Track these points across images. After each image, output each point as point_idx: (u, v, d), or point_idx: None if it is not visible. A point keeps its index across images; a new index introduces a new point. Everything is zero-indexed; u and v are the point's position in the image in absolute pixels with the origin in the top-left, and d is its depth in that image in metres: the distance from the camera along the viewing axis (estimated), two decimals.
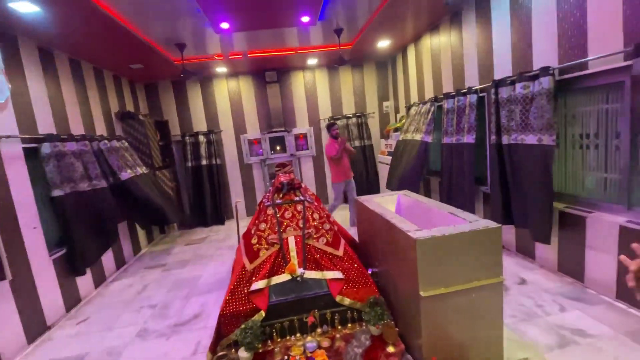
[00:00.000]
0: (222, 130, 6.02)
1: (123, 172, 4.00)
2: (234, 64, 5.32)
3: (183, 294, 3.36)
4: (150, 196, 4.27)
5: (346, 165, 4.63)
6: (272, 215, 2.35)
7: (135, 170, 4.29)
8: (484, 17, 3.45)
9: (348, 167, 4.67)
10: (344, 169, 4.62)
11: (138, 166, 4.44)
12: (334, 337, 2.03)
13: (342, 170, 4.60)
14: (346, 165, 4.63)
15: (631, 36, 2.10)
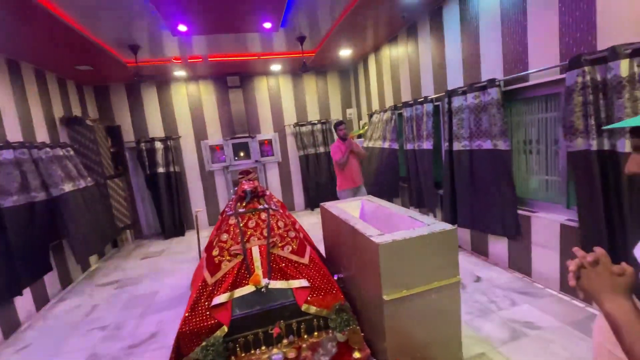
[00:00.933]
0: (180, 136, 5.76)
1: (61, 185, 3.62)
2: (194, 68, 5.14)
3: (138, 312, 3.13)
4: (85, 219, 3.88)
5: (354, 170, 4.00)
6: (234, 225, 2.27)
7: (78, 182, 3.93)
8: (437, 30, 3.66)
9: (357, 172, 4.03)
10: (352, 174, 3.98)
11: (81, 178, 4.06)
12: (300, 347, 1.99)
13: (349, 175, 3.98)
14: (354, 170, 4.00)
15: (566, 52, 2.33)
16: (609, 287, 0.68)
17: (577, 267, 0.72)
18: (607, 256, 0.71)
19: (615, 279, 0.68)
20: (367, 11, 3.53)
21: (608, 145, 2.03)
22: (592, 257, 0.71)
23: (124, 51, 4.05)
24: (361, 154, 4.09)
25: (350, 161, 3.95)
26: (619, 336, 0.65)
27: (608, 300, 0.67)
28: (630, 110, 1.87)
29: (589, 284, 0.70)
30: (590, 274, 0.70)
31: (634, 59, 1.87)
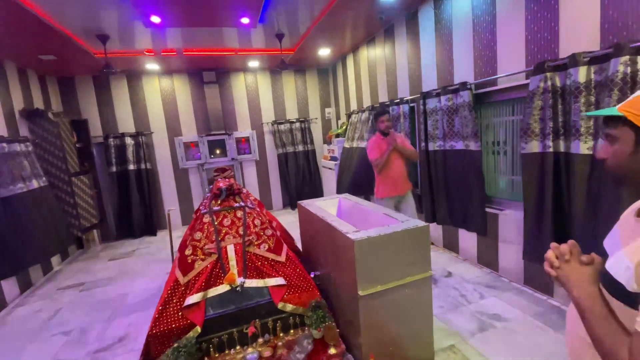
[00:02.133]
0: (153, 132, 5.55)
1: (12, 185, 3.35)
2: (168, 62, 4.96)
3: (105, 315, 2.99)
4: (39, 222, 3.58)
5: (397, 174, 3.08)
6: (208, 224, 2.22)
7: (29, 183, 3.64)
8: (413, 33, 3.75)
9: (400, 177, 3.10)
10: (394, 179, 3.08)
11: (35, 178, 3.75)
12: (276, 345, 1.98)
13: (389, 181, 3.08)
14: (397, 173, 3.08)
15: (531, 58, 2.46)
16: (577, 275, 0.73)
17: (553, 258, 0.77)
18: (577, 247, 0.77)
19: (584, 268, 0.73)
20: (346, 11, 3.56)
21: (564, 147, 2.17)
22: (564, 248, 0.76)
23: (92, 41, 3.84)
24: (409, 152, 3.07)
25: (393, 162, 3.04)
26: (584, 320, 0.69)
27: (576, 287, 0.72)
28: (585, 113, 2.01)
29: (561, 273, 0.75)
30: (562, 264, 0.75)
31: (591, 67, 2.01)
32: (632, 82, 1.83)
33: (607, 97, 1.91)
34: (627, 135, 0.70)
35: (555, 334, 2.17)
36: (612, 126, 0.74)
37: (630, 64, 1.82)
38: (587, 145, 2.04)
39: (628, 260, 0.66)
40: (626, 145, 0.71)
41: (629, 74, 1.82)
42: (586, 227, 2.07)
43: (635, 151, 0.69)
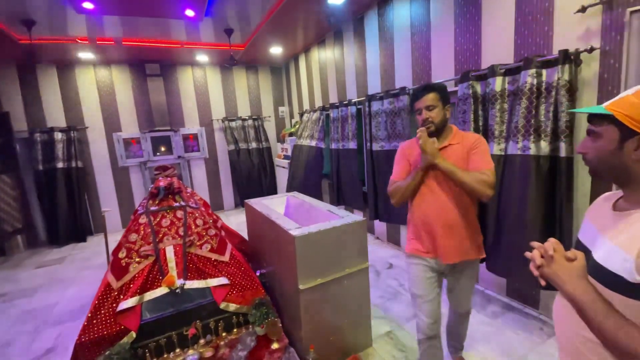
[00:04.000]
0: (87, 127, 5.10)
1: None
2: (105, 51, 4.60)
3: (31, 327, 2.72)
4: None
5: (435, 218, 1.55)
6: (145, 224, 2.12)
7: None
8: (359, 37, 3.90)
9: (445, 226, 1.54)
10: (428, 225, 1.58)
11: None
12: (218, 345, 1.97)
13: (419, 225, 1.63)
14: (436, 215, 1.55)
15: (459, 67, 2.71)
16: (566, 271, 0.72)
17: (539, 257, 0.76)
18: (560, 244, 0.76)
19: (571, 264, 0.72)
20: (295, 12, 3.60)
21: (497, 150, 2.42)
22: (549, 247, 0.75)
23: (15, 26, 3.44)
24: (468, 180, 1.42)
25: (430, 193, 1.57)
26: (584, 316, 0.68)
27: (567, 283, 0.71)
28: (499, 118, 2.28)
29: (549, 271, 0.74)
30: (549, 262, 0.74)
31: (506, 77, 2.27)
32: (537, 92, 2.10)
33: (517, 105, 2.17)
34: (612, 133, 0.73)
35: (478, 315, 2.43)
36: (597, 123, 0.76)
37: (537, 76, 2.09)
38: (500, 147, 2.31)
39: (624, 253, 0.68)
40: (609, 143, 0.74)
41: (535, 85, 2.09)
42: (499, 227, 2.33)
43: (617, 148, 0.73)
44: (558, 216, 2.05)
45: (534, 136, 2.10)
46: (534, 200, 2.09)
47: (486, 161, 1.47)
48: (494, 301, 2.60)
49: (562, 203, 2.02)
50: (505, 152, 2.26)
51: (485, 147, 1.51)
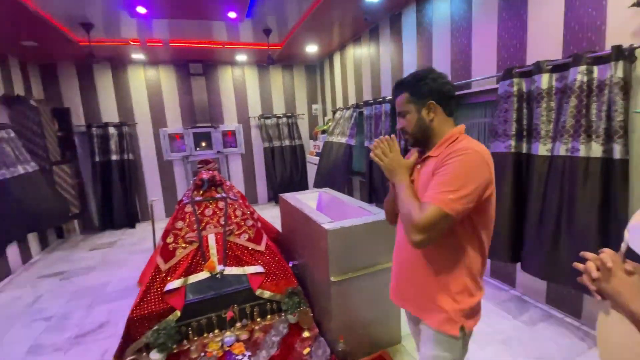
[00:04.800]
0: (137, 122, 5.51)
1: None
2: (154, 52, 4.94)
3: (86, 303, 3.02)
4: (23, 205, 3.57)
5: (399, 253, 1.23)
6: (190, 213, 2.29)
7: (14, 169, 3.61)
8: (396, 34, 3.87)
9: (404, 262, 1.19)
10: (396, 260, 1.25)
11: (21, 164, 3.73)
12: (253, 330, 2.09)
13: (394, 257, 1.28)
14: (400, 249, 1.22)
15: (502, 64, 2.61)
16: (628, 287, 0.65)
17: (595, 270, 0.69)
18: (617, 255, 0.70)
19: (631, 279, 0.66)
20: (332, 10, 3.64)
21: (525, 149, 2.33)
22: (607, 259, 0.68)
23: (76, 29, 3.81)
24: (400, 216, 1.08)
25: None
26: None
27: (633, 302, 0.63)
28: (545, 117, 2.17)
29: (609, 287, 0.67)
30: (607, 276, 0.67)
31: (553, 74, 2.17)
32: (588, 90, 1.99)
33: (566, 103, 2.07)
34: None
35: (514, 321, 2.35)
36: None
37: (587, 73, 1.98)
38: (546, 147, 2.21)
39: None
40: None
41: (585, 82, 1.98)
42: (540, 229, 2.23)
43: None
44: (610, 223, 1.93)
45: (584, 137, 1.99)
46: (583, 205, 1.99)
47: (437, 192, 0.95)
48: (531, 308, 2.50)
49: (615, 209, 1.90)
50: (552, 153, 2.16)
51: (451, 169, 0.96)
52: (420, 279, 1.10)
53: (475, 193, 0.95)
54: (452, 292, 1.05)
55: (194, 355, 1.90)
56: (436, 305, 1.07)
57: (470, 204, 0.95)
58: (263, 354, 1.89)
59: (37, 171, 3.99)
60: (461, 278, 1.06)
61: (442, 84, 1.09)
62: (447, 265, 1.06)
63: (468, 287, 1.06)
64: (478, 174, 0.96)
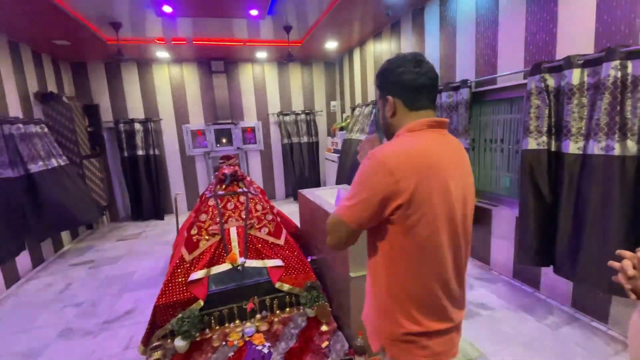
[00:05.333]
0: (161, 118, 5.69)
1: (33, 163, 3.54)
2: (177, 50, 5.07)
3: (114, 290, 3.17)
4: (59, 197, 3.75)
5: None
6: (213, 207, 2.36)
7: (48, 162, 3.80)
8: (418, 29, 3.81)
9: None
10: None
11: (54, 157, 3.92)
12: (272, 322, 2.13)
13: None
14: None
15: (530, 59, 2.53)
16: None
17: (631, 268, 0.68)
18: None
19: None
20: (353, 6, 3.63)
21: (555, 147, 2.26)
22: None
23: (105, 28, 3.96)
24: None
25: None
26: None
27: None
28: (577, 114, 2.09)
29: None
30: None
31: (585, 69, 2.08)
32: (622, 86, 1.90)
33: (599, 100, 1.98)
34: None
35: (537, 323, 2.29)
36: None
37: (621, 68, 1.89)
38: (577, 145, 2.13)
39: None
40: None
41: (619, 78, 1.89)
42: (574, 231, 2.16)
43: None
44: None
45: (619, 135, 1.90)
46: (619, 205, 1.90)
47: (341, 202, 0.93)
48: (556, 311, 2.43)
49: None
50: (584, 152, 2.08)
51: (356, 179, 0.89)
52: (371, 301, 1.01)
53: (368, 202, 0.84)
54: (376, 306, 0.97)
55: (216, 344, 1.96)
56: (377, 334, 0.99)
57: (364, 212, 0.85)
58: (282, 345, 1.93)
59: (68, 165, 4.20)
60: (382, 298, 0.94)
61: (400, 74, 0.92)
62: (373, 277, 0.98)
63: (389, 311, 0.93)
64: (371, 181, 0.84)
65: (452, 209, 0.87)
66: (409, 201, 0.82)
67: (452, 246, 0.90)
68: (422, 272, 0.89)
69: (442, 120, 0.92)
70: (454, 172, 0.88)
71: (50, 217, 3.66)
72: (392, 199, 0.82)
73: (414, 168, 0.82)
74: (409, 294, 0.90)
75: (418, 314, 0.90)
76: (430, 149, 0.87)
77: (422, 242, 0.86)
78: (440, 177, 0.84)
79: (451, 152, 0.92)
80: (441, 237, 0.87)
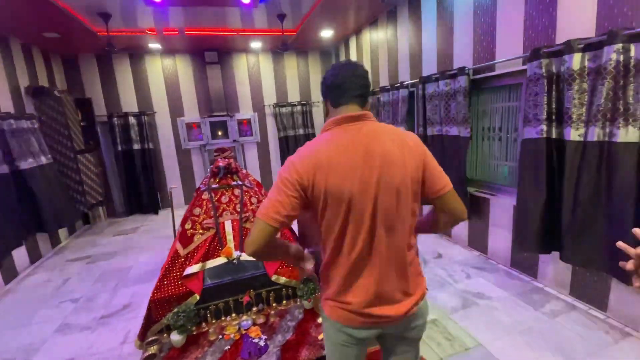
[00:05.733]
0: (156, 112, 5.61)
1: (22, 160, 3.50)
2: (170, 41, 4.96)
3: (111, 285, 3.16)
4: (48, 195, 3.74)
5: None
6: (207, 200, 2.32)
7: (38, 159, 3.77)
8: (415, 16, 3.72)
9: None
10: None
11: (43, 154, 3.89)
12: (269, 314, 2.12)
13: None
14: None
15: (529, 44, 2.47)
16: None
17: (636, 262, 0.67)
18: None
19: None
20: None
21: (556, 134, 2.21)
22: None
23: (94, 19, 3.86)
24: None
25: None
26: None
27: None
28: (577, 101, 2.05)
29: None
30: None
31: (586, 53, 2.02)
32: (624, 71, 1.85)
33: (600, 85, 1.93)
34: None
35: (535, 312, 2.29)
36: None
37: (623, 52, 1.83)
38: (578, 132, 2.08)
39: None
40: None
41: (621, 62, 1.84)
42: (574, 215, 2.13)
43: None
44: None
45: (621, 121, 1.86)
46: (620, 193, 1.87)
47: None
48: (554, 299, 2.42)
49: None
50: (585, 139, 2.03)
51: None
52: None
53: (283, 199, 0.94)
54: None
55: (212, 338, 1.95)
56: None
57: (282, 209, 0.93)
58: (279, 338, 1.92)
59: (53, 163, 4.12)
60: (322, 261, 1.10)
61: (325, 78, 1.05)
62: None
63: (322, 271, 1.12)
64: (280, 180, 0.96)
65: (350, 199, 0.92)
66: (317, 188, 0.93)
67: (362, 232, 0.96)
68: (327, 248, 1.04)
69: (347, 116, 0.98)
70: (357, 164, 0.93)
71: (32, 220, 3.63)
72: (304, 189, 0.94)
73: (309, 165, 0.93)
74: (326, 263, 1.08)
75: (330, 281, 1.08)
76: (321, 147, 0.95)
77: (324, 227, 0.99)
78: (332, 172, 0.92)
79: (354, 146, 0.94)
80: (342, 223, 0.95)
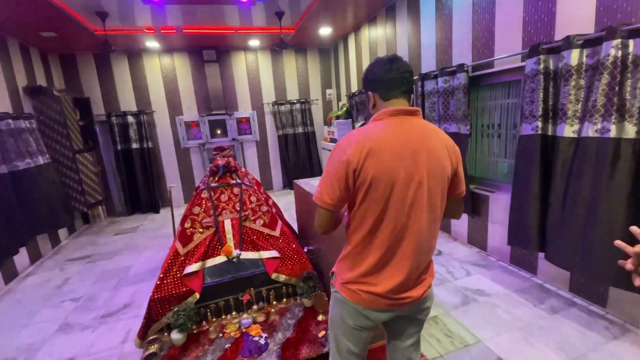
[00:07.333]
0: (154, 110, 5.60)
1: (20, 160, 3.50)
2: (168, 39, 4.95)
3: (111, 285, 3.16)
4: (46, 196, 3.74)
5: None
6: (206, 199, 2.32)
7: (35, 159, 3.77)
8: (414, 13, 3.70)
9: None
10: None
11: (40, 154, 3.89)
12: (269, 312, 2.12)
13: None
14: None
15: (528, 40, 2.46)
16: None
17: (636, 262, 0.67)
18: None
19: None
20: None
21: (551, 130, 2.22)
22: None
23: (92, 18, 3.84)
24: None
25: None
26: None
27: None
28: (574, 97, 2.04)
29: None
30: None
31: (584, 49, 2.02)
32: (622, 66, 1.85)
33: (597, 81, 1.93)
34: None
35: (534, 308, 2.30)
36: None
37: (622, 48, 1.83)
38: (572, 129, 2.08)
39: None
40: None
41: (619, 58, 1.84)
42: (565, 212, 2.13)
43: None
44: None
45: (616, 116, 1.86)
46: (613, 189, 1.88)
47: None
48: (553, 295, 2.43)
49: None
50: (579, 135, 2.04)
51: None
52: None
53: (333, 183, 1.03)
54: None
55: (213, 336, 1.96)
56: None
57: (335, 193, 1.04)
58: (279, 336, 1.92)
59: (50, 163, 4.11)
60: (345, 247, 1.18)
61: (368, 71, 1.13)
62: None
63: (345, 256, 1.17)
64: (330, 164, 1.05)
65: (393, 185, 0.99)
66: (363, 173, 0.99)
67: (400, 219, 1.02)
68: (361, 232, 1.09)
69: (402, 109, 1.05)
70: (405, 153, 0.99)
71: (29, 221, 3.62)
72: (352, 174, 1.00)
73: (359, 150, 0.98)
74: (356, 246, 1.12)
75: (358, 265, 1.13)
76: (374, 135, 1.00)
77: (363, 210, 1.05)
78: (381, 157, 0.97)
79: (405, 137, 1.01)
80: (382, 209, 1.02)
